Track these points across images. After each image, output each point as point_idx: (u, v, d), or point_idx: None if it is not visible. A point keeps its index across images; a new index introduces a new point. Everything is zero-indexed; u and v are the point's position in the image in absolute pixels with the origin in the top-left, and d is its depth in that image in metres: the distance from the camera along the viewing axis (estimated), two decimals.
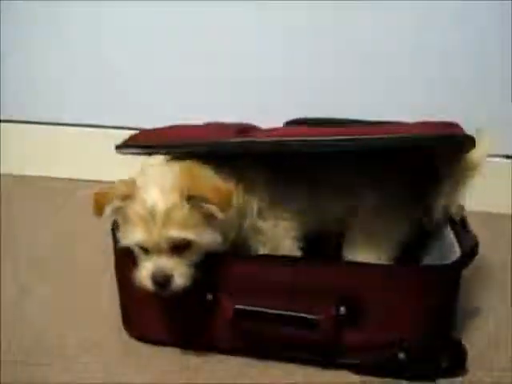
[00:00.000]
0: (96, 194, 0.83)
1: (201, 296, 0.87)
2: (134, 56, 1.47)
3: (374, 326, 0.85)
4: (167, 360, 0.91)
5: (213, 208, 0.80)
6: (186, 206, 0.79)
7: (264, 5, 1.35)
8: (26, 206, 1.44)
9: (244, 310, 0.85)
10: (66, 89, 1.53)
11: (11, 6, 1.45)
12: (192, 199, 0.80)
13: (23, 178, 1.57)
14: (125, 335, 0.97)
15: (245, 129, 0.95)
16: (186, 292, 0.83)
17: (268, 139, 0.87)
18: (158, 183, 0.81)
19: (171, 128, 1.01)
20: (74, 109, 1.55)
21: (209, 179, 0.83)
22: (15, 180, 1.56)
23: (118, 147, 0.96)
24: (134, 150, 0.94)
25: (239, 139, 0.88)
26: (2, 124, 1.57)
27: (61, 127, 1.57)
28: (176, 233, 0.79)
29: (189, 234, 0.80)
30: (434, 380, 0.88)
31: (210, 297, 0.88)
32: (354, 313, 0.84)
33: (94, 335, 0.97)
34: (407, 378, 0.87)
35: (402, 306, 0.84)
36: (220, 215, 0.81)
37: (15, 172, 1.58)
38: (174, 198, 0.79)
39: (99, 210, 0.82)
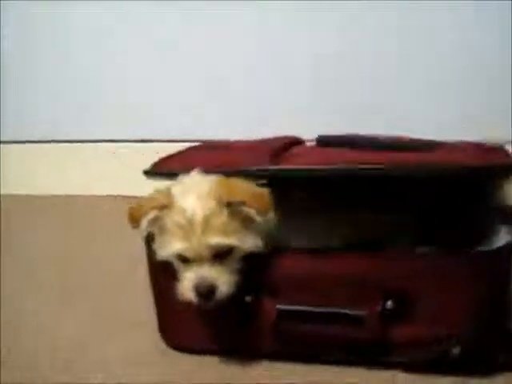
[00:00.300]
0: (131, 207, 0.83)
1: (239, 299, 0.84)
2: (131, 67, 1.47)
3: (424, 320, 0.81)
4: (208, 369, 0.88)
5: (251, 212, 0.78)
6: (225, 212, 0.78)
7: None
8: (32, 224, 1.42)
9: (287, 311, 0.82)
10: (56, 106, 1.53)
11: None
12: (230, 205, 0.78)
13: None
14: (162, 345, 0.94)
15: (278, 151, 0.92)
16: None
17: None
18: (195, 191, 0.80)
19: (197, 151, 0.99)
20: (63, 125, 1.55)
21: (245, 185, 0.81)
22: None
23: (146, 173, 0.94)
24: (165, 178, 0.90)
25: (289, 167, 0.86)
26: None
27: (52, 144, 1.57)
28: (217, 239, 0.77)
29: (230, 240, 0.78)
30: (490, 376, 0.82)
31: (248, 299, 0.84)
32: (401, 307, 0.80)
33: (132, 346, 0.94)
34: (461, 375, 0.82)
35: (453, 296, 0.79)
36: (259, 219, 0.79)
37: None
38: (212, 204, 0.78)
39: (135, 222, 0.81)
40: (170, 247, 0.79)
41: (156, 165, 0.94)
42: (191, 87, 1.46)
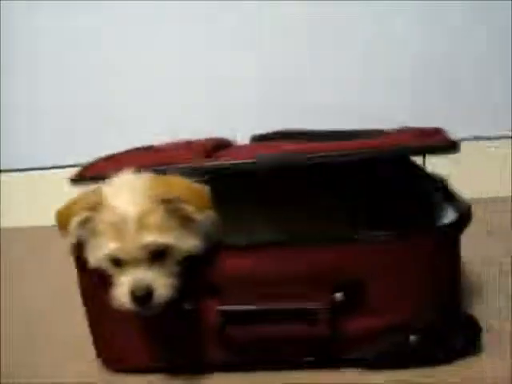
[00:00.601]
0: (58, 211, 0.76)
1: (179, 307, 0.77)
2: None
3: (377, 310, 0.76)
4: None
5: (189, 209, 0.72)
6: (161, 210, 0.72)
7: None
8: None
9: (231, 312, 0.76)
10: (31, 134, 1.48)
11: None
12: (166, 202, 0.72)
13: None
14: (102, 370, 0.86)
15: (217, 146, 0.88)
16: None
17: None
18: (128, 189, 0.74)
19: (128, 153, 0.93)
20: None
21: (181, 181, 0.75)
22: None
23: (73, 181, 0.87)
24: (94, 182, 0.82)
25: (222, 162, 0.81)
26: None
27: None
28: (151, 238, 0.71)
29: (166, 239, 0.71)
30: (449, 363, 0.78)
31: (188, 306, 0.78)
32: (352, 298, 0.76)
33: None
34: (419, 365, 0.78)
35: (404, 281, 0.76)
36: (198, 216, 0.73)
37: None
38: (147, 202, 0.72)
39: (64, 224, 0.73)
40: (103, 249, 0.72)
41: (83, 170, 0.87)
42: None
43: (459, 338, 0.79)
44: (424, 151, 0.83)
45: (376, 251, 0.75)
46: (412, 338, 0.77)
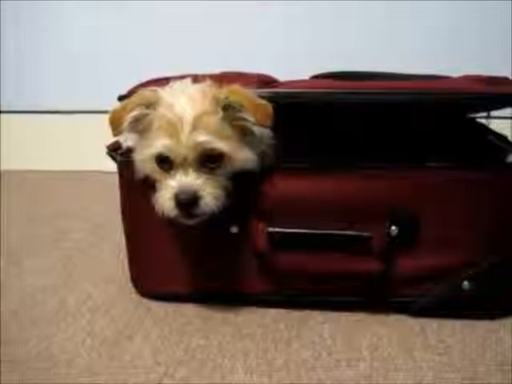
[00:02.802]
0: (113, 109, 0.72)
1: (223, 230, 0.74)
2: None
3: (433, 248, 0.73)
4: (187, 317, 0.77)
5: (251, 120, 0.68)
6: (221, 114, 0.68)
7: None
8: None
9: (281, 234, 0.72)
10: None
11: None
12: (227, 108, 0.68)
13: None
14: (135, 295, 0.82)
15: (266, 80, 0.84)
16: (206, 226, 0.70)
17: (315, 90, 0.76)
18: (188, 91, 0.70)
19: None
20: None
21: (246, 92, 0.70)
22: None
23: (121, 98, 0.84)
24: None
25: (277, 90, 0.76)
26: None
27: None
28: (206, 138, 0.67)
29: (220, 144, 0.68)
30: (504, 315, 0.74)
31: (234, 229, 0.74)
32: (408, 232, 0.72)
33: (101, 296, 0.83)
34: (471, 317, 0.74)
35: (462, 220, 0.71)
36: (257, 130, 0.69)
37: None
38: (206, 104, 0.68)
39: (118, 121, 0.70)
40: (154, 146, 0.68)
41: (133, 90, 0.84)
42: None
43: None
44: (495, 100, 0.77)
45: (437, 181, 0.71)
46: (465, 283, 0.73)
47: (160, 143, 0.67)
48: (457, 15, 1.32)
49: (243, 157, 0.70)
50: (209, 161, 0.68)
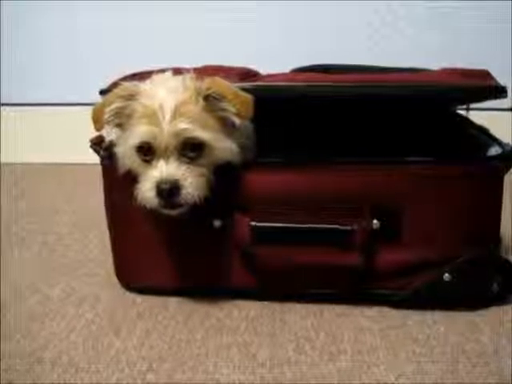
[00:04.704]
0: (95, 105, 0.73)
1: (206, 224, 0.74)
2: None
3: (414, 242, 0.73)
4: (171, 311, 0.77)
5: (231, 111, 0.68)
6: (202, 104, 0.68)
7: None
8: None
9: (264, 228, 0.72)
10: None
11: None
12: (208, 98, 0.69)
13: None
14: (120, 289, 0.82)
15: (248, 73, 0.84)
16: (189, 220, 0.71)
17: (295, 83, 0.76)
18: (168, 82, 0.71)
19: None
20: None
21: (227, 83, 0.71)
22: None
23: (102, 92, 0.83)
24: None
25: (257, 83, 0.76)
26: None
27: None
28: (186, 126, 0.67)
29: (202, 133, 0.68)
30: (484, 307, 0.75)
31: (217, 223, 0.74)
32: (388, 227, 0.72)
33: (85, 291, 0.83)
34: (451, 306, 0.75)
35: (443, 213, 0.72)
36: (238, 121, 0.69)
37: None
38: (187, 94, 0.69)
39: (99, 116, 0.70)
40: (136, 134, 0.68)
41: (112, 85, 0.84)
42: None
43: (496, 281, 0.75)
44: (470, 92, 0.78)
45: (416, 177, 0.71)
46: (446, 275, 0.73)
47: (141, 131, 0.68)
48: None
49: (224, 147, 0.70)
50: (190, 149, 0.68)
